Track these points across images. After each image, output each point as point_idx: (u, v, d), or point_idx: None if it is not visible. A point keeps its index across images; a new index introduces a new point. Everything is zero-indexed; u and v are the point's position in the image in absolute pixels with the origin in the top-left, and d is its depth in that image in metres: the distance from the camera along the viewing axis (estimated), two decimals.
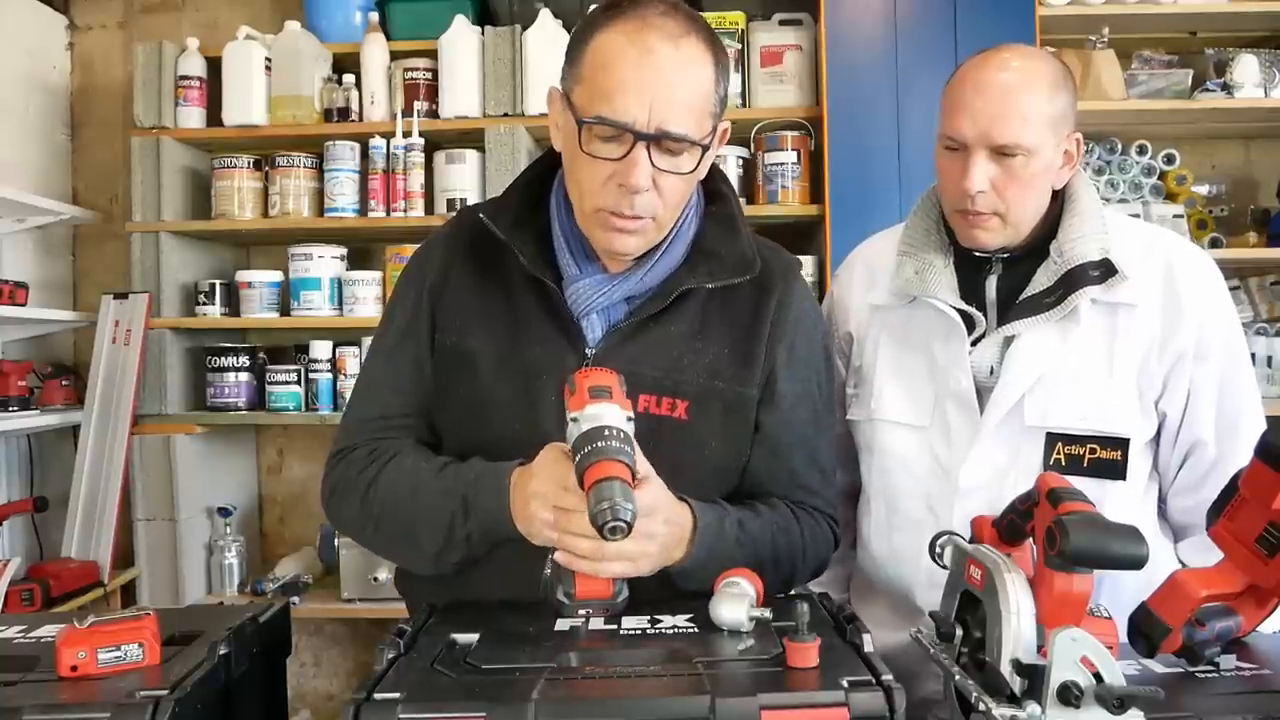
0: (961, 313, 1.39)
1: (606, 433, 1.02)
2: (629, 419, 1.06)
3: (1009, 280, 1.40)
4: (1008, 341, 1.37)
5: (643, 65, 1.13)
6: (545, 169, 1.33)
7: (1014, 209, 1.34)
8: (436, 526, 1.21)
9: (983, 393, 1.38)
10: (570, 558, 1.08)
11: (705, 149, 1.19)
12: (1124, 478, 1.34)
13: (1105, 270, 1.34)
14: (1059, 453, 1.35)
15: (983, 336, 1.39)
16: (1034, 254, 1.39)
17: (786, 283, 1.32)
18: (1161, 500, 1.44)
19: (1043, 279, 1.37)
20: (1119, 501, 1.32)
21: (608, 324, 1.26)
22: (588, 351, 1.24)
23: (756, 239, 1.33)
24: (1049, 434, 1.35)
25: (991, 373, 1.38)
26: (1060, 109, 1.33)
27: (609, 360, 1.21)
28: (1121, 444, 1.34)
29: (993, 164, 1.32)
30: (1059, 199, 1.40)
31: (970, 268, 1.42)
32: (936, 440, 1.40)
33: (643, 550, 1.09)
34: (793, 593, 1.26)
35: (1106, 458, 1.34)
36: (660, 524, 1.11)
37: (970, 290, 1.41)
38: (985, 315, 1.40)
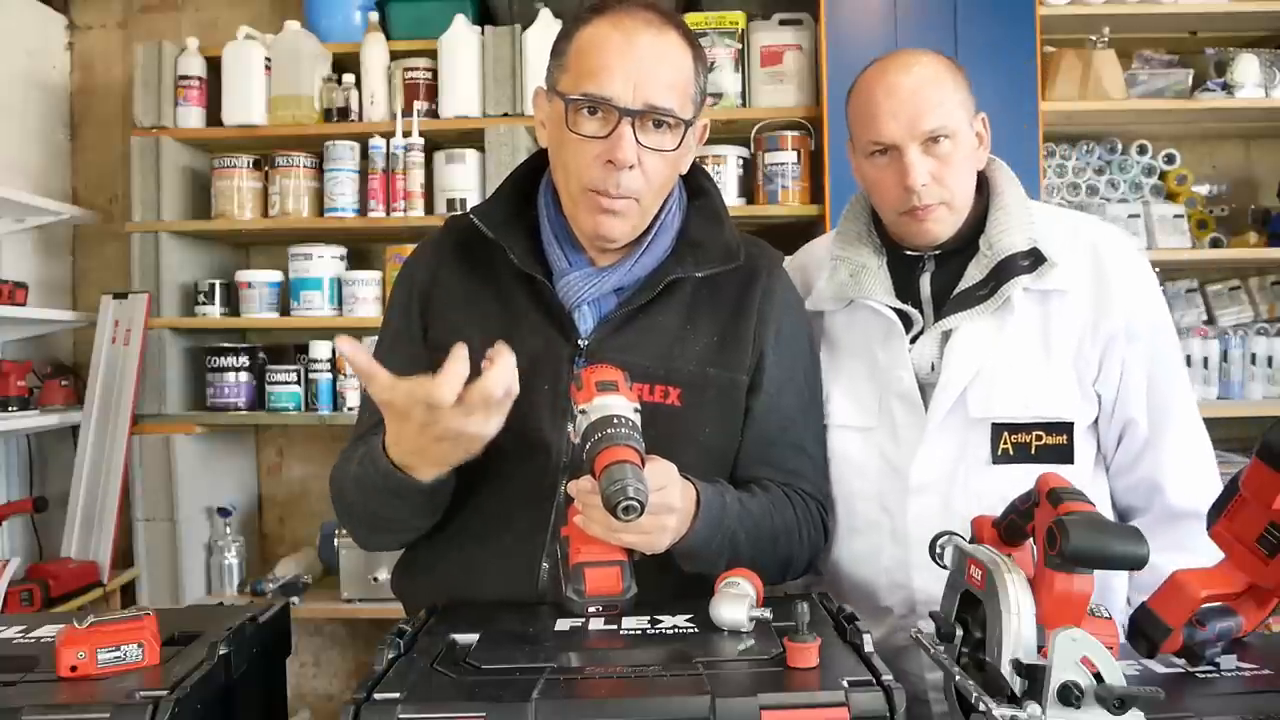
0: (899, 312, 1.41)
1: (615, 421, 1.06)
2: (635, 409, 1.09)
3: (942, 277, 1.43)
4: (945, 336, 1.39)
5: (626, 47, 1.20)
6: (533, 169, 1.38)
7: (957, 193, 1.38)
8: (353, 480, 1.25)
9: (926, 389, 1.40)
10: (591, 523, 1.09)
11: (688, 127, 1.24)
12: (1072, 461, 1.36)
13: (1034, 259, 1.37)
14: (1006, 442, 1.36)
15: (921, 334, 1.41)
16: (965, 249, 1.42)
17: (771, 273, 1.36)
18: None
19: (975, 273, 1.40)
20: None
21: (599, 315, 1.28)
22: (580, 343, 1.27)
23: (740, 234, 1.36)
24: (994, 424, 1.37)
25: (933, 369, 1.39)
26: (965, 92, 1.39)
27: (601, 350, 1.24)
28: (1066, 428, 1.37)
29: (926, 156, 1.35)
30: (985, 193, 1.44)
31: (903, 267, 1.45)
32: (884, 440, 1.41)
33: (662, 524, 1.11)
34: (792, 594, 1.26)
35: (1053, 443, 1.36)
36: (676, 496, 1.12)
37: (905, 289, 1.44)
38: (921, 313, 1.42)
